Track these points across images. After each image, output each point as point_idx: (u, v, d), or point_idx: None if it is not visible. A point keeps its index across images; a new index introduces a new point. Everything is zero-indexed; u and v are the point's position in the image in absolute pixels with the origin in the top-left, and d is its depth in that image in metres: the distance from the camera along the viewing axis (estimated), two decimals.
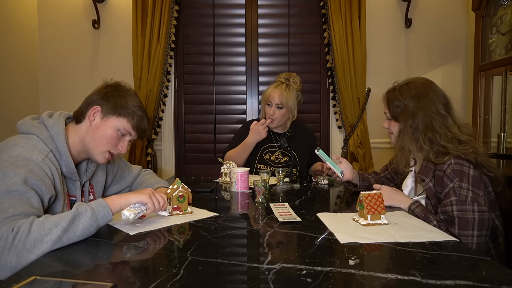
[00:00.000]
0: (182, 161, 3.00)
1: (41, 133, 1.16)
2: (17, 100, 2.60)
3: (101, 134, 1.22)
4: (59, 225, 0.91)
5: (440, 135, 1.32)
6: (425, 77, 1.46)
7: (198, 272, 0.79)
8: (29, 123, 1.18)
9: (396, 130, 1.45)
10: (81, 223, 0.95)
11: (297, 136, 2.21)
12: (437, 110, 1.35)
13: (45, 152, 1.12)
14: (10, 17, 2.55)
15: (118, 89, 1.27)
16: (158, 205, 1.15)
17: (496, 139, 2.40)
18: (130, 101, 1.25)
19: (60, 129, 1.18)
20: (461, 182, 1.23)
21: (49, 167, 1.11)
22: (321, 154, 1.60)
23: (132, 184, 1.59)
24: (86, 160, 1.32)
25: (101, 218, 0.99)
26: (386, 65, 2.91)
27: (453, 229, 1.19)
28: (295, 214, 1.25)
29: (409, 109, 1.37)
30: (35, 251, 0.87)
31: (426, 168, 1.35)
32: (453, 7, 2.90)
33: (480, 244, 1.18)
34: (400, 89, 1.42)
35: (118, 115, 1.23)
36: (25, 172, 1.02)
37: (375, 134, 2.87)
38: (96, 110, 1.22)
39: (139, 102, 1.29)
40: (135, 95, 1.30)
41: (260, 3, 2.93)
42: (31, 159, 1.07)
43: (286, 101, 2.06)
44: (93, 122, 1.22)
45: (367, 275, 0.77)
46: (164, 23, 2.71)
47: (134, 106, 1.25)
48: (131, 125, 1.25)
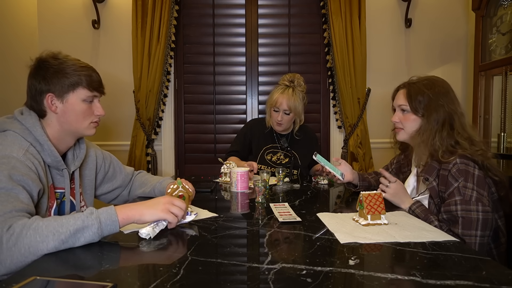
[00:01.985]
0: (182, 161, 3.00)
1: (16, 127, 1.14)
2: (17, 100, 2.59)
3: (74, 114, 1.20)
4: (58, 234, 0.88)
5: (457, 133, 1.32)
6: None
7: (198, 272, 0.79)
8: (2, 121, 1.16)
9: (411, 125, 1.41)
10: (84, 237, 0.91)
11: (299, 137, 2.21)
12: (456, 109, 1.35)
13: (25, 146, 1.10)
14: (10, 17, 2.55)
15: (47, 63, 1.18)
16: (179, 215, 1.07)
17: (496, 139, 2.40)
18: (68, 68, 1.18)
19: (33, 120, 1.16)
20: (466, 182, 1.23)
21: (31, 161, 1.08)
22: (320, 159, 1.59)
23: (124, 184, 1.57)
24: (72, 148, 1.30)
25: (107, 231, 0.95)
26: (386, 65, 2.91)
27: (456, 229, 1.19)
28: (295, 214, 1.25)
29: (434, 104, 1.35)
30: (30, 256, 0.86)
31: (430, 167, 1.34)
32: (453, 7, 2.90)
33: (483, 245, 1.18)
34: (423, 83, 1.39)
35: (72, 89, 1.19)
36: (8, 169, 1.00)
37: (375, 134, 2.87)
38: (51, 98, 1.18)
39: (74, 61, 1.22)
40: (65, 57, 1.21)
41: (260, 3, 2.93)
42: (12, 155, 1.04)
43: (294, 107, 2.05)
44: (58, 109, 1.19)
45: (367, 275, 0.77)
46: (164, 23, 2.71)
47: (75, 71, 1.19)
48: (88, 89, 1.21)
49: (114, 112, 2.82)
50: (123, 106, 2.85)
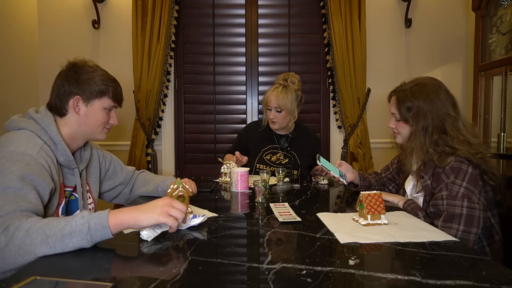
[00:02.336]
0: (182, 161, 3.00)
1: (32, 126, 1.17)
2: (17, 100, 2.60)
3: (94, 119, 1.28)
4: (45, 237, 0.86)
5: (452, 138, 1.31)
6: (433, 77, 1.44)
7: (198, 272, 0.79)
8: (18, 119, 1.19)
9: (405, 132, 1.42)
10: (72, 242, 0.87)
11: (299, 138, 2.21)
12: (447, 112, 1.33)
13: (39, 144, 1.13)
14: (10, 17, 2.55)
15: (81, 69, 1.26)
16: (179, 218, 0.99)
17: (496, 139, 2.40)
18: (98, 77, 1.27)
19: (49, 120, 1.21)
20: (455, 178, 1.24)
21: (45, 159, 1.11)
22: (324, 164, 1.58)
23: (125, 181, 1.59)
24: (79, 150, 1.35)
25: (98, 237, 0.90)
26: (386, 65, 2.91)
27: (437, 221, 1.21)
28: (295, 214, 1.25)
29: (421, 112, 1.34)
30: (20, 259, 0.86)
31: (427, 165, 1.35)
32: (453, 7, 2.90)
33: (468, 241, 1.18)
34: (411, 90, 1.38)
35: (99, 97, 1.27)
36: (21, 168, 1.02)
37: (375, 134, 2.87)
38: (77, 100, 1.25)
39: (104, 72, 1.31)
40: (97, 67, 1.31)
41: (260, 3, 2.93)
42: (27, 152, 1.07)
43: (283, 103, 2.05)
44: (80, 112, 1.26)
45: (367, 275, 0.77)
46: (164, 23, 2.71)
47: (105, 81, 1.28)
48: (112, 100, 1.31)
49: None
50: (123, 106, 2.81)
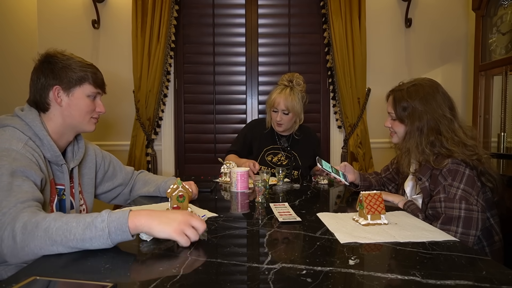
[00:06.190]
0: (182, 161, 3.00)
1: (16, 123, 1.16)
2: (17, 100, 2.60)
3: (78, 108, 1.25)
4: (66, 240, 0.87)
5: (447, 139, 1.31)
6: (431, 78, 1.44)
7: (198, 272, 0.79)
8: (3, 118, 1.19)
9: (400, 131, 1.43)
10: (93, 246, 0.89)
11: (301, 138, 2.21)
12: (443, 114, 1.33)
13: (24, 140, 1.12)
14: (10, 17, 2.55)
15: (55, 59, 1.22)
16: (192, 239, 0.94)
17: (496, 139, 2.40)
18: (75, 64, 1.23)
19: (33, 116, 1.19)
20: (453, 180, 1.24)
21: (31, 153, 1.10)
22: (325, 167, 1.58)
23: (124, 182, 1.57)
24: (71, 146, 1.33)
25: (118, 240, 0.90)
26: (386, 65, 2.91)
27: (436, 223, 1.21)
28: (295, 214, 1.25)
29: (416, 112, 1.35)
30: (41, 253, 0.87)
31: (424, 167, 1.35)
32: (453, 7, 2.90)
33: (467, 243, 1.18)
34: (408, 90, 1.38)
35: (79, 84, 1.24)
36: (10, 163, 1.01)
37: (375, 134, 2.87)
38: (57, 90, 1.21)
39: (80, 59, 1.28)
40: (71, 55, 1.27)
41: (260, 3, 2.93)
42: (11, 148, 1.06)
43: (292, 106, 2.04)
44: (62, 103, 1.23)
45: (367, 275, 0.77)
46: (164, 23, 2.71)
47: (82, 67, 1.25)
48: (93, 85, 1.27)
49: (114, 111, 2.82)
50: (123, 106, 2.85)
